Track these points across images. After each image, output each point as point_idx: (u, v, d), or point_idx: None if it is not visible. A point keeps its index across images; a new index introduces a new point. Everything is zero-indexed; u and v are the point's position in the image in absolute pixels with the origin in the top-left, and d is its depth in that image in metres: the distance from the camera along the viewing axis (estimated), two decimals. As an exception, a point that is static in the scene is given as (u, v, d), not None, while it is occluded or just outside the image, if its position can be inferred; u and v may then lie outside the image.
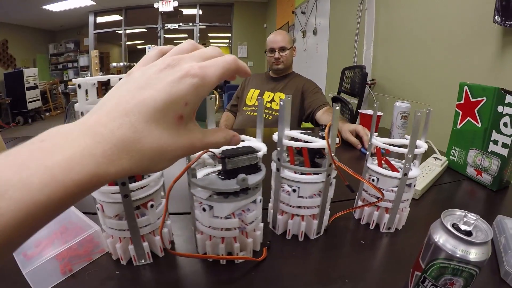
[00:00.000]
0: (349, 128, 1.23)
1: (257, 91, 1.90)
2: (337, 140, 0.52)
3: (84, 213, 0.58)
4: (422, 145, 0.57)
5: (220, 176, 0.47)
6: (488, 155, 0.85)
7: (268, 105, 1.82)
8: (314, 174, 0.53)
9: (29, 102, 6.55)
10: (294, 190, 0.54)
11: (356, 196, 0.67)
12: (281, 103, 0.49)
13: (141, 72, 0.28)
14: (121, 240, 0.50)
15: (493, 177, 0.84)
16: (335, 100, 2.27)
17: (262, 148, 0.50)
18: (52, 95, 7.74)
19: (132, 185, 0.45)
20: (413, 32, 2.02)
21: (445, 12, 1.72)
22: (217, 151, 0.47)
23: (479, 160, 0.88)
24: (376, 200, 0.59)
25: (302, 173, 0.54)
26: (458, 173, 0.96)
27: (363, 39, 2.62)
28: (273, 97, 1.83)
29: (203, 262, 0.52)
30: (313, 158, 0.57)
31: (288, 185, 0.56)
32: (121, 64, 7.89)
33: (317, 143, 0.51)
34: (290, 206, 0.56)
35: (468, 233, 0.37)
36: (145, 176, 0.49)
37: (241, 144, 0.50)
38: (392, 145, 0.58)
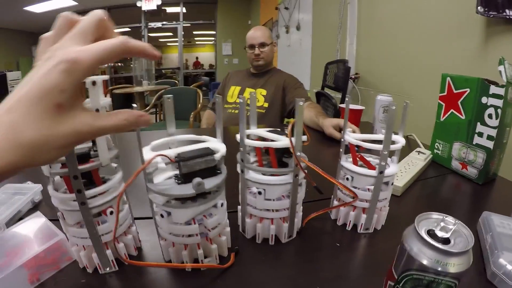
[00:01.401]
0: (331, 123, 1.20)
1: (238, 88, 1.86)
2: (305, 138, 0.47)
3: (52, 220, 0.56)
4: (399, 140, 0.53)
5: (176, 181, 0.44)
6: (473, 148, 0.82)
7: (249, 101, 1.76)
8: (281, 175, 0.49)
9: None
10: (259, 193, 0.50)
11: (332, 196, 0.63)
12: (240, 100, 0.45)
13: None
14: (85, 248, 0.48)
15: (479, 170, 0.81)
16: (319, 95, 2.23)
17: (221, 149, 0.46)
18: (36, 98, 7.57)
19: (89, 192, 0.43)
20: (396, 25, 2.00)
21: (427, 4, 1.70)
22: (171, 154, 0.43)
23: (464, 153, 0.85)
24: (352, 200, 0.54)
25: (271, 174, 0.50)
26: (442, 167, 0.93)
27: (346, 33, 2.59)
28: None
29: (170, 269, 0.50)
30: (281, 157, 0.53)
31: (254, 187, 0.52)
32: (105, 64, 7.75)
33: (280, 142, 0.47)
34: (258, 209, 0.52)
35: (446, 241, 0.33)
36: (106, 181, 0.47)
37: (199, 146, 0.47)
38: (366, 140, 0.54)
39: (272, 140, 0.49)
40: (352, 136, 0.55)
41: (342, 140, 0.56)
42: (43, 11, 6.79)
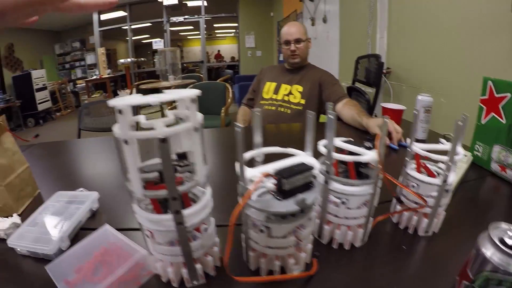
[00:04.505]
0: (377, 124, 1.22)
1: (274, 84, 1.87)
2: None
3: (119, 229, 0.61)
4: (460, 152, 0.59)
5: (276, 197, 0.47)
6: (512, 152, 0.84)
7: (286, 98, 1.79)
8: (362, 185, 0.54)
9: (39, 103, 6.65)
10: (343, 202, 0.55)
11: (393, 200, 0.69)
12: (331, 116, 0.48)
13: None
14: (173, 264, 0.51)
15: (518, 173, 0.83)
16: (350, 90, 2.26)
17: (315, 164, 0.49)
18: (61, 95, 7.81)
19: (187, 212, 0.45)
20: (428, 19, 1.97)
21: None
22: (271, 170, 0.47)
23: (503, 156, 0.87)
24: (417, 206, 0.60)
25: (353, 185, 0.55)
26: (482, 169, 0.95)
27: (376, 26, 2.57)
28: (290, 90, 1.80)
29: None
30: (358, 167, 0.58)
31: (335, 196, 0.57)
32: (129, 60, 7.90)
33: (367, 156, 0.52)
34: (339, 217, 0.57)
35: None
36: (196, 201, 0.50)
37: (294, 161, 0.50)
38: (431, 151, 0.60)
39: (351, 152, 0.54)
40: (418, 147, 0.60)
41: (409, 149, 0.62)
42: (63, 8, 6.96)
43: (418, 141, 0.61)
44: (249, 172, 0.46)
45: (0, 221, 0.70)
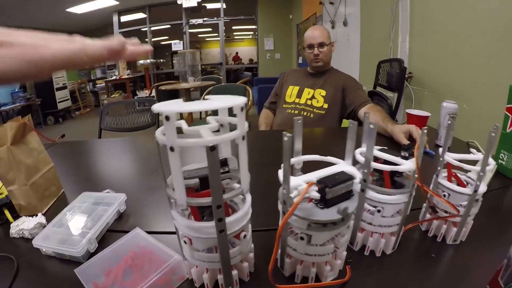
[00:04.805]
0: (402, 130, 1.22)
1: (297, 88, 1.87)
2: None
3: (147, 232, 0.62)
4: (491, 162, 0.60)
5: (318, 205, 0.48)
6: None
7: (309, 102, 1.80)
8: (398, 194, 0.55)
9: (59, 102, 6.87)
10: (378, 211, 0.56)
11: (423, 208, 0.70)
12: (371, 126, 0.50)
13: None
14: (208, 270, 0.51)
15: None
16: (372, 94, 2.26)
17: (356, 174, 0.50)
18: (81, 94, 8.04)
19: (230, 220, 0.45)
20: (451, 23, 1.96)
21: (486, 4, 1.65)
22: (314, 178, 0.48)
23: None
24: (448, 215, 0.61)
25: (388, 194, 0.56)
26: (506, 178, 0.95)
27: (398, 30, 2.56)
28: (313, 94, 1.81)
29: (291, 283, 0.55)
30: (393, 176, 0.59)
31: (371, 204, 0.59)
32: (148, 61, 7.95)
33: (405, 166, 0.53)
34: (373, 225, 0.59)
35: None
36: (236, 210, 0.52)
37: (335, 169, 0.51)
38: (461, 160, 0.61)
39: (386, 161, 0.56)
40: (451, 157, 0.62)
41: (441, 159, 0.63)
42: (84, 11, 7.11)
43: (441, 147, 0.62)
44: (293, 181, 0.47)
45: (24, 220, 0.71)
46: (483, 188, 0.61)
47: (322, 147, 1.38)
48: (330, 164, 0.55)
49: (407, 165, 0.53)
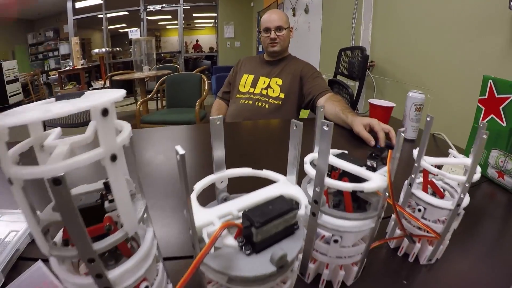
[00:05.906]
0: (362, 122, 1.11)
1: (251, 77, 1.75)
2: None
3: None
4: (478, 170, 0.48)
5: (244, 249, 0.32)
6: (512, 157, 0.77)
7: (264, 92, 1.67)
8: (361, 219, 0.40)
9: (10, 96, 6.36)
10: (335, 241, 0.41)
11: (392, 223, 0.58)
12: (325, 128, 0.33)
13: None
14: None
15: (516, 180, 0.76)
16: (332, 83, 2.16)
17: (302, 199, 0.37)
18: (34, 87, 7.47)
19: (114, 274, 0.30)
20: (417, 13, 1.91)
21: None
22: (233, 211, 0.33)
23: (501, 161, 0.80)
24: (424, 235, 0.49)
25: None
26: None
27: (360, 18, 2.49)
28: (269, 83, 1.69)
29: None
30: (355, 191, 0.43)
31: (325, 231, 0.43)
32: (103, 50, 7.71)
33: (372, 183, 0.37)
34: (329, 256, 0.44)
35: None
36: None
37: (270, 193, 0.37)
38: (439, 166, 0.48)
39: (345, 172, 0.41)
40: (429, 162, 0.48)
41: (416, 165, 0.50)
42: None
43: (406, 140, 0.50)
44: (202, 217, 0.32)
45: None
46: (467, 200, 0.48)
47: (278, 142, 1.23)
48: (267, 181, 0.39)
49: (375, 183, 0.37)
